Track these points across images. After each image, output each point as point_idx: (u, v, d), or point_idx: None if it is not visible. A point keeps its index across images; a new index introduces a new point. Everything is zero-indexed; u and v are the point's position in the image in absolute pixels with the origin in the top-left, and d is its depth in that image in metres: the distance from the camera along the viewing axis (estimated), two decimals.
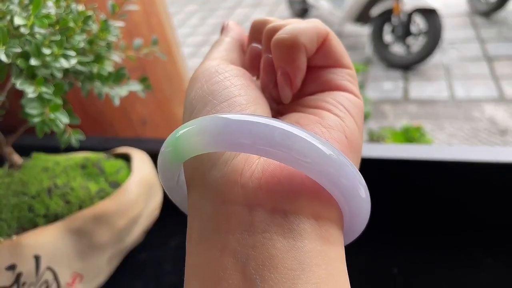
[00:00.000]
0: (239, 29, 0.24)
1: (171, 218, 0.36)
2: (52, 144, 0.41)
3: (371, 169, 0.35)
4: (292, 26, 0.19)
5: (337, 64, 0.20)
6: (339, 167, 0.14)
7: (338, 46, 0.20)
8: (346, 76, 0.20)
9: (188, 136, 0.15)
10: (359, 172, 0.16)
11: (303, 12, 3.42)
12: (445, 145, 0.35)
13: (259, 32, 0.22)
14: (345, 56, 0.21)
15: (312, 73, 0.21)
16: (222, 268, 0.14)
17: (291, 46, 0.19)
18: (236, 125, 0.15)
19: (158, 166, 0.18)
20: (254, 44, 0.23)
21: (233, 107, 0.17)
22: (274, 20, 0.22)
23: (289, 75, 0.20)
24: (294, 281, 0.13)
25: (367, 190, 0.16)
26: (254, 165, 0.16)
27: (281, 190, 0.15)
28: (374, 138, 1.51)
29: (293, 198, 0.15)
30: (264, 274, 0.13)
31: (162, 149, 0.17)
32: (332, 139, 0.17)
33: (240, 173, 0.15)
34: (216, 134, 0.15)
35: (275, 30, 0.20)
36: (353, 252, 0.35)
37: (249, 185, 0.15)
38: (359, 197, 0.15)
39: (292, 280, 0.13)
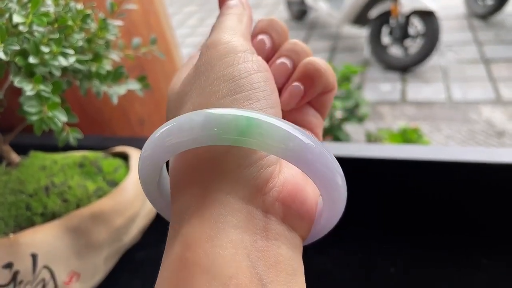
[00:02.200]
0: (251, 10, 0.25)
1: None
2: (49, 143, 0.41)
3: (369, 169, 0.36)
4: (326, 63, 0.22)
5: (322, 111, 0.24)
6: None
7: (332, 100, 0.24)
8: (321, 126, 0.24)
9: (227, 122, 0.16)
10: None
11: (301, 13, 3.43)
12: (442, 146, 0.35)
13: (275, 31, 0.23)
14: (329, 110, 0.24)
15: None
16: (235, 265, 0.14)
17: (326, 77, 0.22)
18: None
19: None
20: (265, 37, 0.23)
21: (278, 112, 0.19)
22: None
23: (305, 93, 0.22)
24: (289, 285, 0.15)
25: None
26: (277, 178, 0.17)
27: (293, 209, 0.17)
28: (371, 139, 1.51)
29: (299, 219, 0.18)
30: (270, 277, 0.15)
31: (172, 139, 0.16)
32: None
33: (268, 181, 0.17)
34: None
35: (307, 51, 0.23)
36: (351, 251, 0.36)
37: (270, 195, 0.17)
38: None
39: (287, 284, 0.15)
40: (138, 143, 0.41)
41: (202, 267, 0.14)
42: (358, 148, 0.36)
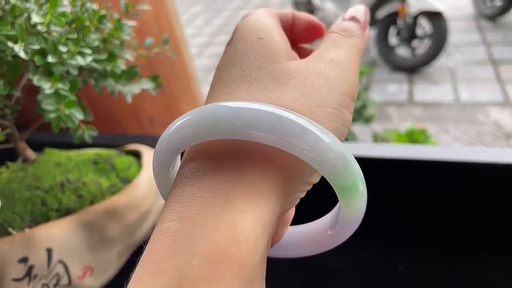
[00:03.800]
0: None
1: None
2: (63, 140, 0.42)
3: (377, 168, 0.36)
4: None
5: None
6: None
7: None
8: None
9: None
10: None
11: (308, 14, 3.42)
12: (451, 146, 0.35)
13: None
14: None
15: None
16: (257, 271, 0.15)
17: None
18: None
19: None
20: None
21: None
22: None
23: None
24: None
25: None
26: None
27: (282, 232, 0.20)
28: (378, 140, 1.51)
29: (275, 239, 0.20)
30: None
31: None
32: None
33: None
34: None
35: None
36: (360, 249, 0.36)
37: (286, 216, 0.19)
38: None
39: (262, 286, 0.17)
40: (150, 141, 0.41)
41: (240, 267, 0.14)
42: (366, 148, 0.37)
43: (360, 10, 0.22)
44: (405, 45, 2.43)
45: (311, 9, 3.37)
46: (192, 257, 0.14)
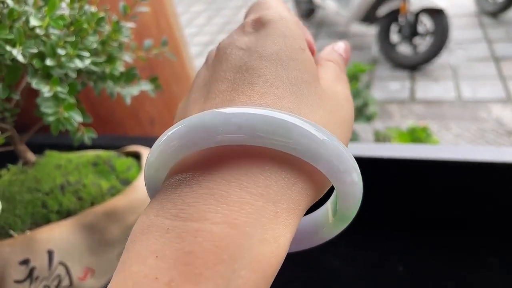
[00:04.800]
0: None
1: None
2: (63, 142, 0.42)
3: (378, 168, 0.36)
4: None
5: None
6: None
7: None
8: None
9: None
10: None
11: (309, 12, 3.42)
12: (452, 145, 0.35)
13: None
14: None
15: None
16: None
17: None
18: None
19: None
20: None
21: None
22: None
23: None
24: None
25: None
26: None
27: None
28: (380, 138, 1.50)
29: None
30: None
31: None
32: None
33: None
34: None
35: None
36: (359, 249, 0.36)
37: None
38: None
39: None
40: (150, 143, 0.41)
41: (272, 278, 0.15)
42: (367, 148, 0.37)
43: (342, 47, 0.24)
44: (406, 42, 2.43)
45: (312, 7, 3.37)
46: (240, 267, 0.13)
